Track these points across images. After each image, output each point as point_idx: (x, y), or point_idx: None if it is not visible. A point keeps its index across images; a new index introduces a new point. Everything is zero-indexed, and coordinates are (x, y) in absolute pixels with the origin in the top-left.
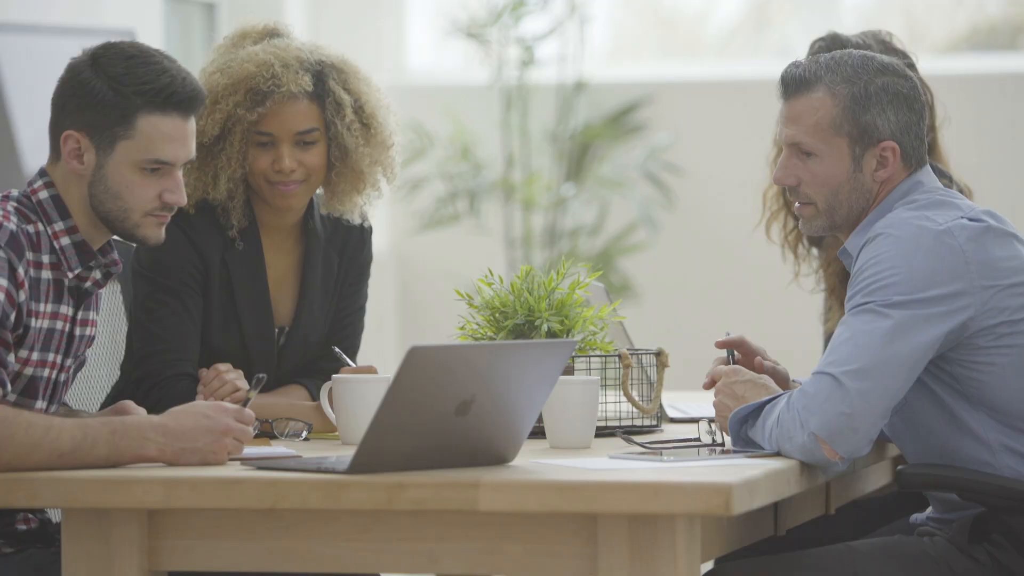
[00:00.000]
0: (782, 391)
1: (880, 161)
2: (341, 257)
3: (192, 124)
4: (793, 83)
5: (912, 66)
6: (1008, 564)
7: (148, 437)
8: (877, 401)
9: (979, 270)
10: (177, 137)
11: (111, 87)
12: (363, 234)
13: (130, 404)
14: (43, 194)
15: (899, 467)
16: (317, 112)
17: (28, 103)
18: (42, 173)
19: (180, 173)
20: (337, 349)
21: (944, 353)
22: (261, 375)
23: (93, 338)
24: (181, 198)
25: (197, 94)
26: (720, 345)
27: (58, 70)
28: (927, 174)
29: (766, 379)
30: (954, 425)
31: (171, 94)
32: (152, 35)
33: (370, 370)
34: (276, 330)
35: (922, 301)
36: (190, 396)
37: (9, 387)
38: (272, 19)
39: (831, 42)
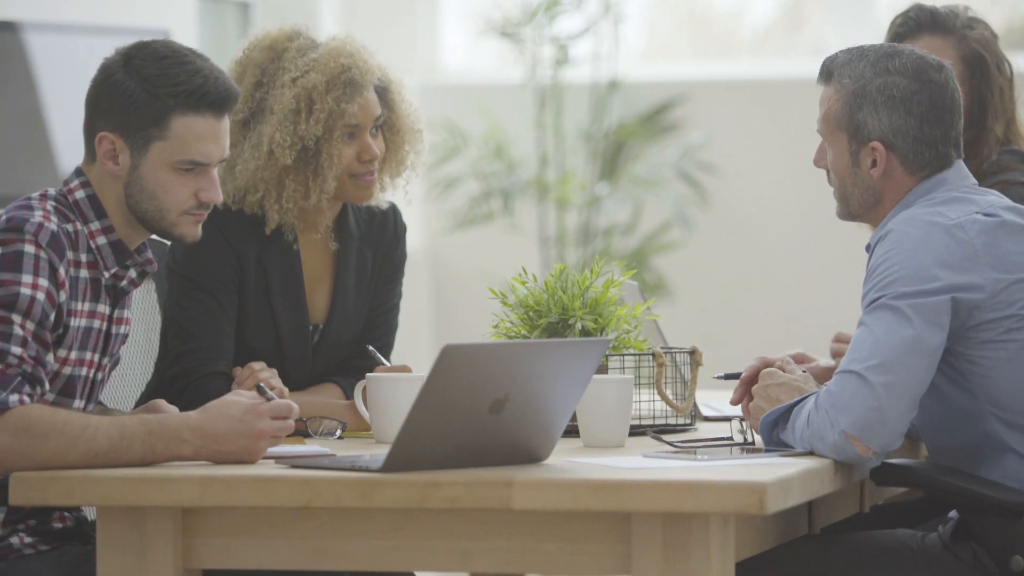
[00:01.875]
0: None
1: (874, 160)
2: (375, 255)
3: (226, 123)
4: (821, 72)
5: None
6: (987, 564)
7: (184, 439)
8: (903, 393)
9: (989, 262)
10: (211, 137)
11: (144, 88)
12: (397, 233)
13: (161, 403)
14: (79, 194)
15: (872, 466)
16: (377, 97)
17: (62, 102)
18: (78, 172)
19: (215, 171)
20: (371, 348)
21: (950, 346)
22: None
23: (127, 336)
24: (217, 196)
25: (230, 93)
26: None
27: (92, 69)
28: (956, 171)
29: (800, 380)
30: (958, 420)
31: (204, 94)
32: (186, 35)
33: (404, 369)
34: (311, 328)
35: (932, 291)
36: (224, 395)
37: (47, 386)
38: (288, 24)
39: (917, 11)
